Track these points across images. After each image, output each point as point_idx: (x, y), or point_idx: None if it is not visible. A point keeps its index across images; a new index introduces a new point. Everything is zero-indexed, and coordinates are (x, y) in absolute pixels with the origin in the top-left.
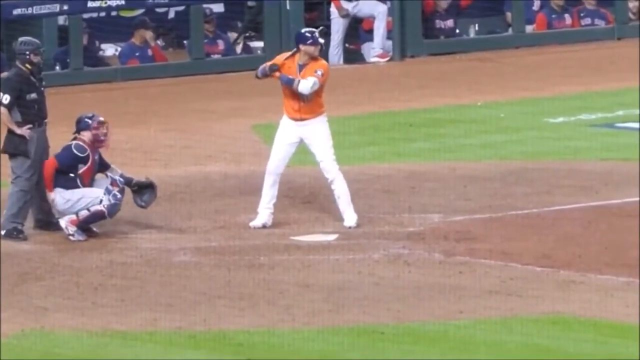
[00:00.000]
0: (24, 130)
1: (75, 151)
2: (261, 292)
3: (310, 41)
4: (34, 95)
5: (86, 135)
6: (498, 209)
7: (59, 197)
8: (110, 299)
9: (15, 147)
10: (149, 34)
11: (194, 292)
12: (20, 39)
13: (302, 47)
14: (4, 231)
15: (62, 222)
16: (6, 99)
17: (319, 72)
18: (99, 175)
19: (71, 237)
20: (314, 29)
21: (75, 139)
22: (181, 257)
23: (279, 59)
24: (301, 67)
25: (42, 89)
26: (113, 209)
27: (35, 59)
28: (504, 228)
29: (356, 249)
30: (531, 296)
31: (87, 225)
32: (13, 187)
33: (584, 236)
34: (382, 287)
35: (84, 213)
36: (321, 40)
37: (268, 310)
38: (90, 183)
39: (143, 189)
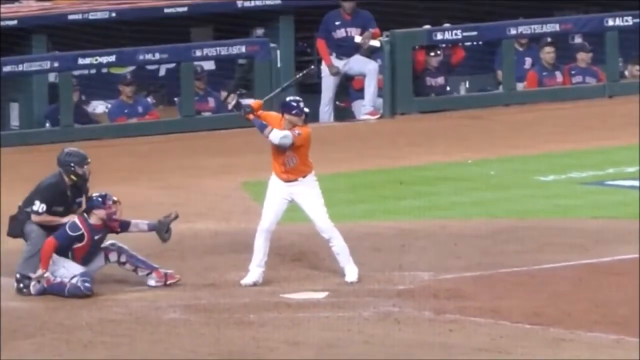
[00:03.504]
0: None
1: (69, 231)
2: (251, 350)
3: (295, 111)
4: (60, 209)
5: (99, 214)
6: (488, 266)
7: None
8: (99, 357)
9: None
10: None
11: (183, 349)
12: (66, 149)
13: (286, 116)
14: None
15: (34, 275)
16: (42, 208)
17: (297, 131)
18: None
19: (26, 290)
20: (299, 98)
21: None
22: (171, 314)
23: (270, 114)
24: None
25: (76, 202)
26: (74, 291)
27: (80, 170)
28: (494, 286)
29: (346, 306)
30: (521, 354)
31: (50, 290)
32: None
33: (573, 294)
34: (372, 346)
35: (54, 279)
36: (306, 110)
37: None
38: (83, 261)
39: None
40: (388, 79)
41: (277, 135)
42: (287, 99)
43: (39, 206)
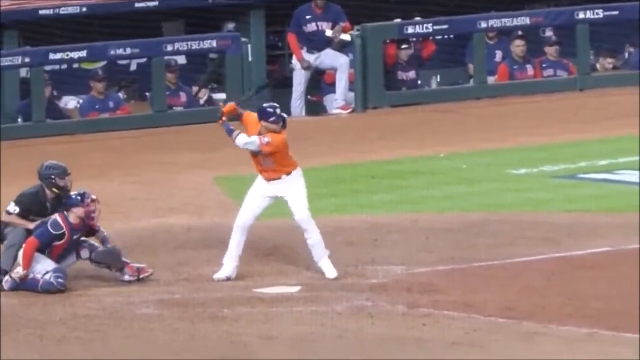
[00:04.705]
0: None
1: (51, 229)
2: (225, 344)
3: (272, 118)
4: (37, 219)
5: (78, 212)
6: (461, 260)
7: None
8: (73, 352)
9: None
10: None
11: (157, 344)
12: (46, 163)
13: (264, 123)
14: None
15: (13, 274)
16: (15, 210)
17: (265, 139)
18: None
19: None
20: (276, 105)
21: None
22: (144, 309)
23: (250, 115)
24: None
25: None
26: (46, 286)
27: (61, 182)
28: (466, 280)
29: (319, 301)
30: (494, 347)
31: (22, 285)
32: None
33: (546, 287)
34: (345, 340)
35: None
36: (284, 116)
37: None
38: (57, 259)
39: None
40: (359, 73)
41: (242, 140)
42: (264, 105)
43: (12, 207)
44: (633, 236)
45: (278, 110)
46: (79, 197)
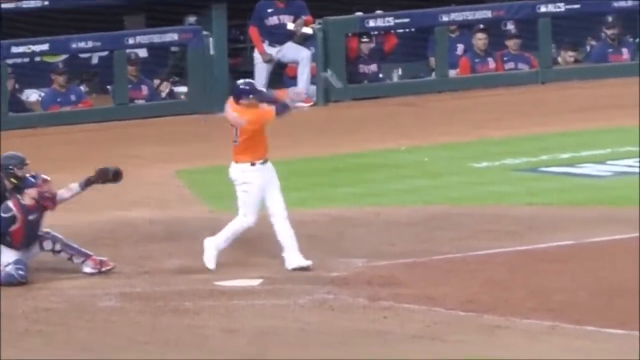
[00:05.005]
0: None
1: (2, 214)
2: (186, 337)
3: (252, 95)
4: None
5: (32, 193)
6: (422, 253)
7: None
8: (36, 345)
9: None
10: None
11: (119, 337)
12: (5, 153)
13: (244, 102)
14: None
15: None
16: None
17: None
18: None
19: None
20: (249, 80)
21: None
22: (106, 302)
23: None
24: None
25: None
26: (8, 279)
27: (20, 172)
28: (428, 273)
29: (281, 294)
30: (455, 341)
31: None
32: None
33: (508, 281)
34: (307, 332)
35: None
36: (260, 89)
37: (193, 355)
38: (21, 245)
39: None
40: (321, 66)
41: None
42: (238, 82)
43: None
44: (595, 229)
45: (255, 85)
46: (31, 178)
